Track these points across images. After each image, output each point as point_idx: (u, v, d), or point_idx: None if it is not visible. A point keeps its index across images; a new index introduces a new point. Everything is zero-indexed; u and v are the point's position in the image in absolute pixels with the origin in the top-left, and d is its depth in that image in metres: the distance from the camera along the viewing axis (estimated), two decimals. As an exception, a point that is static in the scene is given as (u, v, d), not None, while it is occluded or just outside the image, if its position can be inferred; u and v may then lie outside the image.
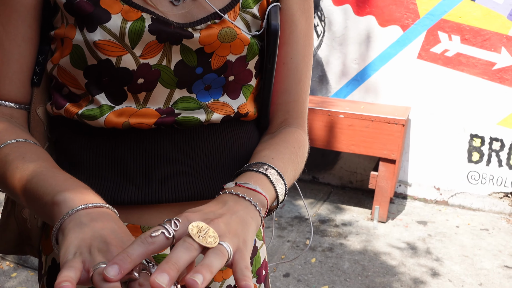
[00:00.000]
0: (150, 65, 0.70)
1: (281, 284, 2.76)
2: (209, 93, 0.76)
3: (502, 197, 3.91)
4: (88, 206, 0.58)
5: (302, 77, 0.86)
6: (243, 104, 0.80)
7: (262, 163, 0.72)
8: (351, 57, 4.06)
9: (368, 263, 3.06)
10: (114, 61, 0.68)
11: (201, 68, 0.73)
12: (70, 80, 0.73)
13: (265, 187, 0.67)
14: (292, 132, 0.84)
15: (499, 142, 3.80)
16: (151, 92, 0.72)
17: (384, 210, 3.61)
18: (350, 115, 3.50)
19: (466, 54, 3.70)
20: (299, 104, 0.87)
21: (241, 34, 0.73)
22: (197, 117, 0.75)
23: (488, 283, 2.90)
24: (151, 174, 0.74)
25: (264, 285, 0.92)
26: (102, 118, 0.71)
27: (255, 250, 0.88)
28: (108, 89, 0.72)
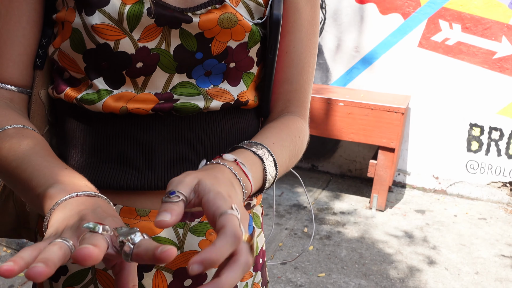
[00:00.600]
0: (149, 48, 0.70)
1: (278, 271, 2.78)
2: (209, 79, 0.75)
3: (500, 186, 3.92)
4: (77, 195, 0.57)
5: (305, 66, 0.84)
6: (244, 92, 0.79)
7: (262, 145, 0.71)
8: (352, 45, 4.04)
9: (365, 251, 3.08)
10: (112, 45, 0.68)
11: (201, 53, 0.72)
12: (70, 64, 0.72)
13: (256, 175, 0.67)
14: (294, 120, 0.83)
15: (499, 132, 3.80)
16: (150, 77, 0.72)
17: (382, 199, 3.62)
18: (349, 103, 3.49)
19: (466, 42, 3.69)
20: (301, 93, 0.86)
21: (242, 21, 0.72)
22: (196, 104, 0.74)
23: (484, 271, 2.91)
24: (148, 160, 0.74)
25: (261, 273, 0.91)
26: (100, 103, 0.71)
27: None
28: (106, 73, 0.71)
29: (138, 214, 0.75)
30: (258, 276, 0.90)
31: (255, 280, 0.89)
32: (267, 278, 0.96)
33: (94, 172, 0.74)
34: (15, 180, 0.65)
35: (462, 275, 2.86)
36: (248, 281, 0.87)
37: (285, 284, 2.65)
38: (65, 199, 0.56)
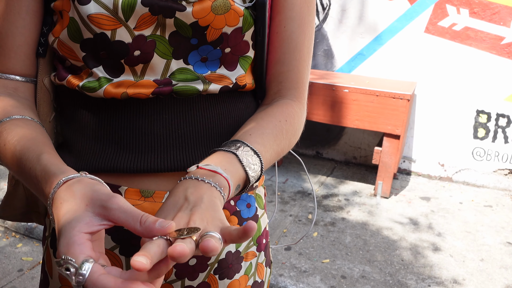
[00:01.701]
0: (145, 36, 0.70)
1: (283, 257, 2.78)
2: (205, 65, 0.76)
3: (507, 173, 3.89)
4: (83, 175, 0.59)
5: (298, 46, 0.83)
6: (242, 76, 0.80)
7: (236, 140, 0.72)
8: (357, 31, 4.00)
9: (370, 237, 3.07)
10: (109, 34, 0.69)
11: (196, 39, 0.73)
12: (69, 53, 0.73)
13: (229, 166, 0.67)
14: (282, 104, 0.83)
15: (506, 118, 3.76)
16: (148, 64, 0.73)
17: (387, 186, 3.61)
18: (354, 89, 3.46)
19: (474, 28, 3.64)
20: (294, 74, 0.85)
21: (234, 5, 0.73)
22: (195, 87, 0.75)
23: (489, 259, 2.90)
24: (150, 143, 0.75)
25: (264, 253, 0.92)
26: (101, 90, 0.72)
27: (255, 218, 0.88)
28: (105, 62, 0.72)
29: (142, 195, 0.77)
30: (261, 256, 0.91)
31: (258, 260, 0.91)
32: (270, 259, 0.97)
33: (98, 156, 0.76)
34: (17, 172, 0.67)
35: (467, 262, 2.85)
36: (252, 261, 0.89)
37: (289, 269, 2.65)
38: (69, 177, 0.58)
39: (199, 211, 0.58)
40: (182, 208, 0.59)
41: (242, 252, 0.86)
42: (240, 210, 0.85)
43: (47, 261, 0.85)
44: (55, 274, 0.82)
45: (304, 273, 2.64)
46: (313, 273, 2.64)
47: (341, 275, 2.64)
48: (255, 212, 0.88)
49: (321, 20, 4.10)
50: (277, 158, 0.79)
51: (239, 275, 0.86)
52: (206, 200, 0.60)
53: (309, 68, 0.88)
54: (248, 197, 0.87)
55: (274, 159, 0.78)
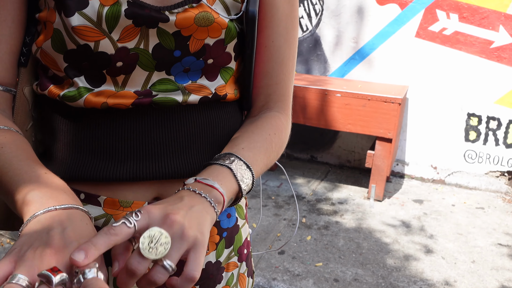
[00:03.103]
0: (128, 48, 0.71)
1: (276, 261, 2.81)
2: (187, 75, 0.77)
3: (498, 176, 3.93)
4: (56, 208, 0.59)
5: (284, 60, 0.86)
6: (222, 86, 0.81)
7: (229, 154, 0.74)
8: (349, 35, 4.04)
9: (363, 240, 3.10)
10: (92, 46, 0.69)
11: (179, 51, 0.74)
12: (52, 63, 0.74)
13: (225, 181, 0.69)
14: (271, 117, 0.85)
15: (496, 121, 3.81)
16: (130, 75, 0.74)
17: (380, 189, 3.64)
18: (346, 94, 3.50)
19: (464, 32, 3.68)
20: (281, 87, 0.87)
21: (218, 18, 0.74)
22: (174, 98, 0.76)
23: (481, 260, 2.93)
24: (129, 152, 0.76)
25: (246, 263, 0.93)
26: (81, 100, 0.73)
27: (236, 229, 0.89)
28: (87, 72, 0.73)
29: (121, 205, 0.77)
30: (243, 266, 0.92)
31: (240, 271, 0.91)
32: (252, 269, 0.98)
33: (77, 164, 0.76)
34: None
35: (459, 263, 2.89)
36: (233, 272, 0.89)
37: (282, 273, 2.69)
38: (43, 212, 0.58)
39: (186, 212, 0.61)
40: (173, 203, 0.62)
41: (223, 263, 0.87)
42: (220, 220, 0.86)
43: None
44: None
45: (297, 276, 2.67)
46: (306, 277, 2.67)
47: (334, 278, 2.67)
48: (235, 222, 0.89)
49: (314, 25, 4.14)
50: (265, 169, 0.81)
51: (220, 286, 0.88)
52: (195, 212, 0.62)
53: (293, 80, 0.90)
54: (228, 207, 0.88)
55: (263, 171, 0.80)
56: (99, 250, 0.54)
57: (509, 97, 3.72)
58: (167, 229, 0.58)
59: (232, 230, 0.88)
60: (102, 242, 0.54)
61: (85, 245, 0.53)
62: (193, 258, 0.59)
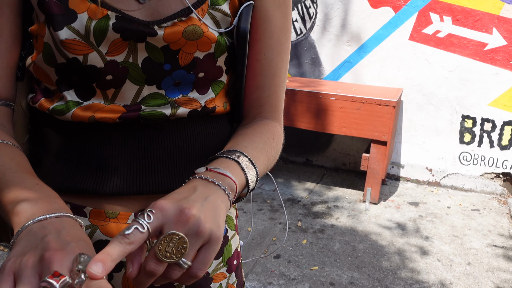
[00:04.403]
0: (117, 62, 0.71)
1: (272, 265, 2.80)
2: (178, 89, 0.77)
3: (493, 177, 3.94)
4: (46, 217, 0.58)
5: (277, 72, 0.85)
6: (211, 99, 0.80)
7: (234, 150, 0.74)
8: (343, 39, 4.05)
9: (358, 243, 3.10)
10: (81, 59, 0.69)
11: (169, 65, 0.74)
12: (44, 76, 0.74)
13: (235, 172, 0.69)
14: (266, 123, 0.85)
15: (491, 123, 3.82)
16: (120, 89, 0.73)
17: (376, 192, 3.64)
18: (341, 97, 3.51)
19: (457, 35, 3.70)
20: (274, 99, 0.87)
21: (207, 32, 0.73)
22: (162, 111, 0.75)
23: (476, 262, 2.94)
24: (116, 167, 0.76)
25: (236, 274, 0.92)
26: (69, 114, 0.73)
27: (226, 240, 0.89)
28: (77, 86, 0.73)
29: (107, 216, 0.77)
30: (232, 277, 0.91)
31: (229, 281, 0.90)
32: (243, 279, 0.97)
33: (65, 177, 0.76)
34: None
35: (454, 266, 2.89)
36: (222, 282, 0.89)
37: (278, 277, 2.68)
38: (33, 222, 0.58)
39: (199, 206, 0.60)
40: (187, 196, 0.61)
41: (211, 274, 0.87)
42: None
43: None
44: None
45: (293, 280, 2.66)
46: (302, 281, 2.67)
47: (329, 282, 2.67)
48: (225, 234, 0.88)
49: (308, 29, 4.15)
50: (265, 172, 0.81)
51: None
52: (211, 200, 0.62)
53: (284, 89, 0.90)
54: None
55: (263, 173, 0.80)
56: (115, 261, 0.53)
57: (503, 99, 3.73)
58: (182, 226, 0.57)
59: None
60: (117, 252, 0.53)
61: (101, 257, 0.52)
62: (203, 256, 0.59)
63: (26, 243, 0.55)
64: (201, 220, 0.58)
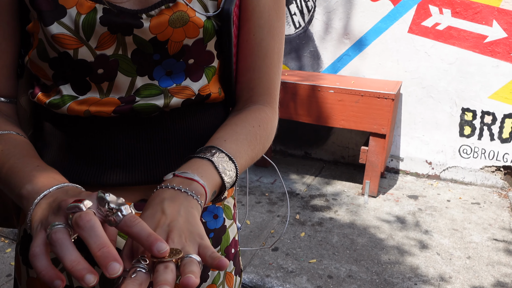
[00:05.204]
0: (107, 55, 0.72)
1: (270, 258, 2.79)
2: (171, 78, 0.77)
3: (494, 171, 3.91)
4: (49, 191, 0.62)
5: (268, 53, 0.84)
6: (205, 86, 0.80)
7: (211, 147, 0.73)
8: (342, 32, 4.02)
9: (357, 237, 3.08)
10: (71, 53, 0.70)
11: (158, 55, 0.74)
12: (40, 72, 0.75)
13: (206, 174, 0.68)
14: (255, 110, 0.84)
15: (491, 116, 3.79)
16: (113, 81, 0.74)
17: (374, 185, 3.62)
18: (339, 90, 3.48)
19: (457, 27, 3.67)
20: (265, 81, 0.86)
21: (194, 17, 0.73)
22: (154, 103, 0.75)
23: (476, 256, 2.92)
24: (114, 160, 0.77)
25: (234, 262, 0.93)
26: (65, 107, 0.74)
27: (223, 229, 0.89)
28: (72, 80, 0.74)
29: None
30: (230, 265, 0.92)
31: (227, 270, 0.91)
32: (240, 267, 0.98)
33: (64, 170, 0.78)
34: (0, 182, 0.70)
35: (454, 259, 2.87)
36: (220, 271, 0.89)
37: (276, 270, 2.66)
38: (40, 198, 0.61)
39: (176, 226, 0.59)
40: (160, 224, 0.60)
41: None
42: (206, 221, 0.86)
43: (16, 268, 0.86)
44: (23, 280, 0.84)
45: (291, 273, 2.64)
46: (300, 273, 2.65)
47: (327, 275, 2.65)
48: (223, 223, 0.89)
49: (307, 22, 4.12)
50: (251, 163, 0.80)
51: (206, 284, 0.87)
52: (183, 213, 0.61)
53: (279, 73, 0.89)
54: (215, 208, 0.88)
55: (248, 164, 0.80)
56: None
57: (503, 92, 3.70)
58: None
59: (219, 231, 0.88)
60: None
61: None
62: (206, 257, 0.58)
63: (43, 211, 0.59)
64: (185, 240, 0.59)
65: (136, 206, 0.79)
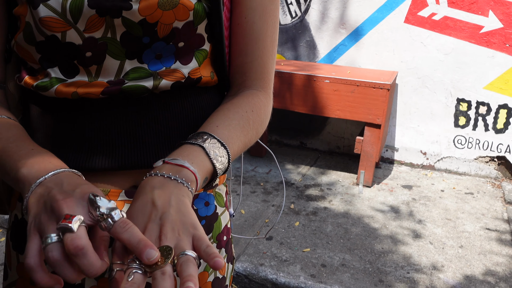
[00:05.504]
0: (96, 38, 0.71)
1: (264, 247, 2.80)
2: (160, 62, 0.76)
3: (488, 161, 3.93)
4: (45, 178, 0.62)
5: (260, 36, 0.83)
6: (195, 69, 0.79)
7: (203, 132, 0.72)
8: (338, 21, 4.01)
9: (351, 226, 3.10)
10: (59, 36, 0.69)
11: (148, 38, 0.73)
12: (27, 55, 0.74)
13: (197, 160, 0.68)
14: (248, 95, 0.84)
15: (486, 107, 3.80)
16: (101, 65, 0.73)
17: (369, 175, 3.64)
18: (335, 80, 3.48)
19: (453, 17, 3.66)
20: (258, 64, 0.85)
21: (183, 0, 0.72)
22: (143, 85, 0.75)
23: (468, 245, 2.94)
24: (104, 143, 0.76)
25: (226, 250, 0.93)
26: (52, 89, 0.73)
27: (215, 217, 0.89)
28: (60, 63, 0.73)
29: None
30: (222, 252, 0.92)
31: None
32: (233, 255, 0.98)
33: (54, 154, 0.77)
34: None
35: (446, 248, 2.89)
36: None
37: (270, 259, 2.68)
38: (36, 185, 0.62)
39: (168, 219, 0.59)
40: (151, 218, 0.60)
41: None
42: (198, 209, 0.86)
43: (6, 254, 0.86)
44: (13, 266, 0.84)
45: (284, 262, 2.67)
46: (293, 262, 2.67)
47: (321, 263, 2.67)
48: (215, 211, 0.88)
49: (303, 12, 4.11)
50: (244, 149, 0.80)
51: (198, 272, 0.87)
52: (174, 203, 0.61)
53: (273, 57, 0.87)
54: (207, 195, 0.87)
55: (242, 150, 0.79)
56: None
57: (498, 82, 3.71)
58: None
59: (211, 218, 0.87)
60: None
61: None
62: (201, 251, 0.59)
63: (37, 204, 0.59)
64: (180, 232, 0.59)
65: (127, 193, 0.78)
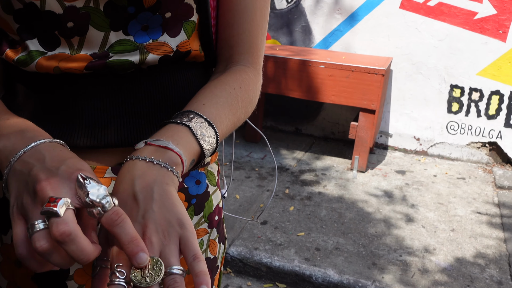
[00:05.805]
0: (77, 7, 0.66)
1: (258, 231, 2.84)
2: (147, 33, 0.71)
3: (480, 147, 3.98)
4: (24, 152, 0.59)
5: (248, 7, 0.78)
6: (184, 42, 0.75)
7: (188, 111, 0.69)
8: (334, 7, 4.02)
9: (345, 210, 3.15)
10: (38, 4, 0.65)
11: (133, 8, 0.68)
12: (6, 26, 0.70)
13: (182, 141, 0.64)
14: (235, 71, 0.79)
15: (478, 93, 3.84)
16: (84, 36, 0.68)
17: (363, 160, 3.68)
18: (330, 65, 3.50)
19: (448, 3, 3.68)
20: (246, 37, 0.80)
21: None
22: (129, 59, 0.70)
23: (460, 228, 3.00)
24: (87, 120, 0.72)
25: (217, 230, 0.90)
26: (33, 64, 0.69)
27: (207, 195, 0.86)
28: (40, 34, 0.69)
29: None
30: (214, 232, 0.89)
31: (211, 237, 0.88)
32: (224, 235, 0.95)
33: None
34: None
35: (438, 232, 2.95)
36: (203, 238, 0.86)
37: (264, 243, 2.72)
38: (13, 161, 0.58)
39: (152, 218, 0.56)
40: (133, 217, 0.57)
41: None
42: (188, 187, 0.82)
43: None
44: None
45: (279, 246, 2.71)
46: (288, 246, 2.71)
47: (315, 247, 2.72)
48: (206, 189, 0.85)
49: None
50: (233, 128, 0.76)
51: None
52: (157, 196, 0.58)
53: (263, 32, 0.83)
54: (198, 173, 0.83)
55: (230, 130, 0.75)
56: None
57: (491, 69, 3.74)
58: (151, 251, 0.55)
59: (202, 197, 0.84)
60: None
61: None
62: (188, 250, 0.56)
63: (18, 184, 0.56)
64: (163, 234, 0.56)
65: (114, 170, 0.75)
